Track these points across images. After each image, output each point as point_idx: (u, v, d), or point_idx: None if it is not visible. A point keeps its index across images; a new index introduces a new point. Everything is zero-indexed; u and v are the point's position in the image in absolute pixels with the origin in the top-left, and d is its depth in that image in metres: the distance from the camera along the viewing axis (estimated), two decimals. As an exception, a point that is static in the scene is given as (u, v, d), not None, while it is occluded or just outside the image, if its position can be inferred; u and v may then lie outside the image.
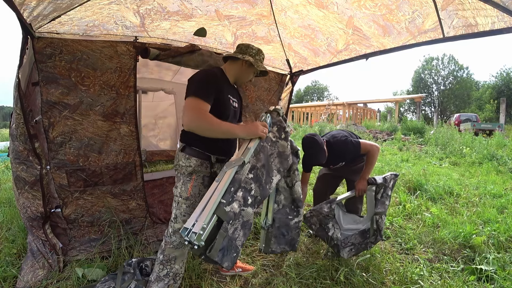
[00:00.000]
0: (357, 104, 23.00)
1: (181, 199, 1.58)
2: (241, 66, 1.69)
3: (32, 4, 1.45)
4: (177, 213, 1.59)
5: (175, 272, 1.64)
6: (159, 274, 1.62)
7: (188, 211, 1.58)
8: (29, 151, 1.91)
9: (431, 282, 1.96)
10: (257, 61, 1.70)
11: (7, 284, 1.84)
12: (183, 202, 1.58)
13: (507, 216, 3.05)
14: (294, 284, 1.92)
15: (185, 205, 1.58)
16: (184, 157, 1.58)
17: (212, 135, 1.46)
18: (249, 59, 1.64)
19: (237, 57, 1.67)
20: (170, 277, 1.62)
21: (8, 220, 2.75)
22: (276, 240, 1.81)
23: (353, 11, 1.95)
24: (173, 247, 1.61)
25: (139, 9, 1.90)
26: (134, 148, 2.25)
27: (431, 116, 34.08)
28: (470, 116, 17.11)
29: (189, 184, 1.57)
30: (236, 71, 1.71)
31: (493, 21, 1.54)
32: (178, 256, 1.63)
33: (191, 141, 1.58)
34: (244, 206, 1.44)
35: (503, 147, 8.00)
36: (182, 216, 1.59)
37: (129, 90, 2.16)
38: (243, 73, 1.72)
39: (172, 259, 1.62)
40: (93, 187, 2.13)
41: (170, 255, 1.62)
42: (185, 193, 1.57)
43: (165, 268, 1.62)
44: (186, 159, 1.57)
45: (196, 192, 1.58)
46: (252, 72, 1.73)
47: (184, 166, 1.57)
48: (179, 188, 1.59)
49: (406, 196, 3.77)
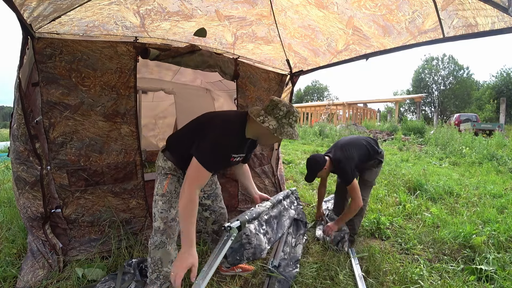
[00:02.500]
0: (357, 104, 23.01)
1: (158, 196, 1.60)
2: (265, 130, 1.45)
3: (32, 5, 1.45)
4: (154, 211, 1.60)
5: (165, 275, 1.59)
6: (151, 277, 1.61)
7: (165, 207, 1.58)
8: (29, 152, 1.91)
9: (431, 282, 1.96)
10: (283, 125, 1.42)
11: (7, 284, 1.84)
12: (159, 199, 1.59)
13: (507, 216, 3.05)
14: (294, 284, 1.92)
15: (161, 202, 1.58)
16: (162, 158, 1.64)
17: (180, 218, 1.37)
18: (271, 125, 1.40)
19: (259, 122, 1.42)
20: (161, 280, 1.59)
21: (8, 220, 2.75)
22: (280, 285, 1.88)
23: (353, 11, 1.95)
24: (155, 248, 1.57)
25: (139, 10, 1.90)
26: (134, 148, 2.26)
27: (431, 116, 34.08)
28: (470, 116, 17.10)
29: (165, 181, 1.60)
30: (257, 133, 1.54)
31: (493, 21, 1.54)
32: (162, 258, 1.57)
33: (172, 148, 1.64)
34: (258, 232, 1.69)
35: (503, 147, 8.00)
36: (159, 213, 1.58)
37: (129, 90, 2.17)
38: (264, 138, 1.55)
39: (158, 262, 1.57)
40: (94, 186, 2.13)
41: (155, 257, 1.58)
42: (161, 190, 1.59)
43: (154, 271, 1.59)
44: (164, 161, 1.63)
45: (172, 189, 1.60)
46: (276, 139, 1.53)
47: (161, 167, 1.64)
48: (156, 187, 1.63)
49: (406, 196, 3.77)
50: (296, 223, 2.39)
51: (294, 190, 2.37)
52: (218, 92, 4.61)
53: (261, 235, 1.72)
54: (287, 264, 2.07)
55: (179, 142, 1.63)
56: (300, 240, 2.34)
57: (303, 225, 2.45)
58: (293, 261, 2.12)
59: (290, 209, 2.15)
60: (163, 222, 1.58)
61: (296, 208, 2.28)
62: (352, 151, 2.47)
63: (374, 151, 2.59)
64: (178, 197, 1.53)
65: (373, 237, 2.74)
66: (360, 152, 2.51)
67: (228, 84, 3.95)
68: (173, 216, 1.60)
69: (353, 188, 2.34)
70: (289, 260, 2.11)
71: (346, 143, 2.57)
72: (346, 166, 2.36)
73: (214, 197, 1.90)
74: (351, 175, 2.34)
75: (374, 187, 4.06)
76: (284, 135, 1.41)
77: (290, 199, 2.26)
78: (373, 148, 2.59)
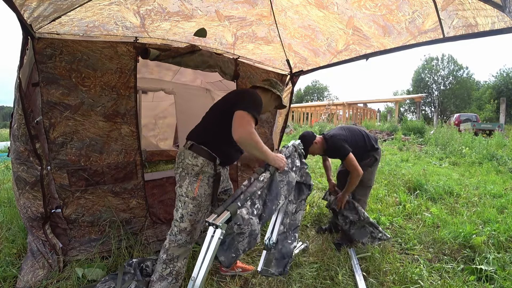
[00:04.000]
0: (357, 104, 23.00)
1: (188, 199, 1.60)
2: (269, 97, 1.90)
3: (32, 5, 1.45)
4: (183, 212, 1.61)
5: (178, 271, 1.66)
6: (162, 273, 1.63)
7: (195, 211, 1.62)
8: (30, 152, 1.91)
9: (431, 282, 1.96)
10: (282, 97, 1.93)
11: (7, 284, 1.84)
12: (190, 202, 1.60)
13: (507, 216, 3.05)
14: (294, 284, 1.92)
15: (192, 205, 1.61)
16: (191, 155, 1.61)
17: (252, 151, 1.53)
18: (277, 93, 1.88)
19: (269, 89, 1.87)
20: (173, 276, 1.64)
21: (8, 220, 2.75)
22: (277, 262, 1.85)
23: (353, 12, 1.95)
24: (177, 246, 1.64)
25: (139, 10, 1.90)
26: (135, 147, 2.26)
27: (431, 116, 34.07)
28: (470, 116, 17.09)
29: (196, 184, 1.60)
30: (264, 101, 1.83)
31: (493, 21, 1.54)
32: (181, 254, 1.67)
33: (202, 140, 1.64)
34: (251, 215, 1.50)
35: (503, 147, 8.01)
36: (188, 216, 1.61)
37: (129, 90, 2.17)
38: (269, 104, 1.92)
39: (175, 258, 1.65)
40: (95, 186, 2.14)
41: (174, 254, 1.64)
42: (192, 193, 1.60)
43: (168, 267, 1.64)
44: (194, 158, 1.60)
45: (202, 192, 1.61)
46: (274, 105, 1.97)
47: (191, 165, 1.60)
48: (185, 187, 1.61)
49: (406, 196, 3.77)
50: (298, 186, 2.07)
51: (298, 145, 2.04)
52: (218, 92, 4.61)
53: (254, 218, 1.52)
54: (285, 237, 1.95)
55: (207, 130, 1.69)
56: (302, 206, 2.12)
57: (306, 189, 2.10)
58: (292, 230, 2.00)
59: (290, 172, 1.84)
60: (191, 224, 1.63)
61: (299, 169, 1.96)
62: (346, 132, 2.55)
63: (371, 146, 2.59)
64: (206, 201, 1.65)
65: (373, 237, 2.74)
66: (356, 138, 2.54)
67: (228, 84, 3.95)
68: (199, 218, 1.66)
69: (349, 159, 2.37)
70: (288, 231, 1.98)
71: (343, 126, 2.67)
72: (339, 141, 2.42)
73: (230, 192, 1.95)
74: (345, 148, 2.38)
75: (374, 187, 4.08)
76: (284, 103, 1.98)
77: (292, 159, 1.93)
78: (370, 142, 2.60)
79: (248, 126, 1.49)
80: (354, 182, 2.41)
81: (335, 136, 2.49)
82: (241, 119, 1.51)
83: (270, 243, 1.90)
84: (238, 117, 1.51)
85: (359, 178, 2.38)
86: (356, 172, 2.36)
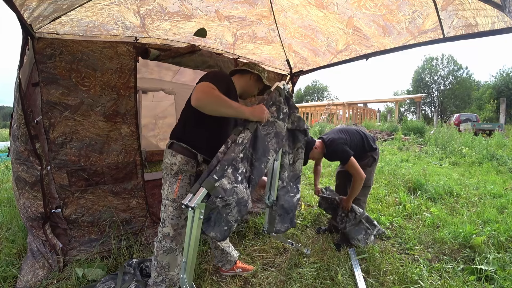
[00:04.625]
0: (357, 104, 22.98)
1: (168, 201, 1.55)
2: (248, 80, 1.78)
3: (32, 5, 1.45)
4: (164, 216, 1.56)
5: (171, 278, 1.61)
6: (156, 280, 1.60)
7: (176, 214, 1.55)
8: (29, 152, 1.91)
9: (431, 282, 1.96)
10: (263, 77, 1.80)
11: (7, 284, 1.84)
12: (169, 205, 1.54)
13: (507, 216, 3.05)
14: (294, 284, 1.92)
15: (172, 208, 1.54)
16: (170, 154, 1.54)
17: (221, 110, 1.42)
18: (256, 73, 1.76)
19: (246, 70, 1.77)
20: (166, 283, 1.60)
21: (8, 220, 2.75)
22: (281, 219, 1.79)
23: (353, 12, 1.95)
24: (163, 253, 1.57)
25: (139, 10, 1.90)
26: (134, 148, 2.26)
27: (431, 116, 34.06)
28: (470, 116, 17.08)
29: (176, 185, 1.53)
30: (243, 84, 1.77)
31: (493, 21, 1.54)
32: (170, 263, 1.59)
33: (181, 137, 1.55)
34: (235, 183, 1.39)
35: (503, 147, 8.00)
36: (170, 220, 1.55)
37: (129, 90, 2.17)
38: (250, 87, 1.80)
39: (165, 266, 1.58)
40: (95, 186, 2.13)
41: (163, 262, 1.58)
42: (172, 195, 1.53)
43: (160, 275, 1.59)
44: (172, 156, 1.53)
45: (183, 193, 1.53)
46: (257, 87, 1.83)
47: (170, 164, 1.53)
48: (166, 190, 1.56)
49: (406, 196, 3.77)
50: (292, 134, 1.94)
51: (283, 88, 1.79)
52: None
53: (240, 184, 1.40)
54: (286, 191, 1.87)
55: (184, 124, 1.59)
56: (300, 155, 1.99)
57: (301, 134, 1.97)
58: (293, 182, 1.92)
59: (277, 122, 1.67)
60: (173, 229, 1.56)
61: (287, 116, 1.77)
62: (345, 134, 2.51)
63: (370, 146, 2.57)
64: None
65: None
66: (355, 139, 2.52)
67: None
68: (183, 222, 1.58)
69: (351, 164, 2.33)
70: (289, 184, 1.88)
71: (342, 128, 2.63)
72: (340, 145, 2.38)
73: None
74: (346, 152, 2.35)
75: (374, 187, 4.08)
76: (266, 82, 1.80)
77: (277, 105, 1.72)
78: (368, 143, 2.58)
79: (205, 90, 1.38)
80: (358, 187, 2.37)
81: (335, 141, 2.43)
82: (197, 88, 1.40)
83: (270, 201, 1.84)
84: (195, 89, 1.41)
85: (362, 181, 2.35)
86: (359, 176, 2.33)
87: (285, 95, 1.80)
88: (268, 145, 1.59)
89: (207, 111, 1.41)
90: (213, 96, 1.38)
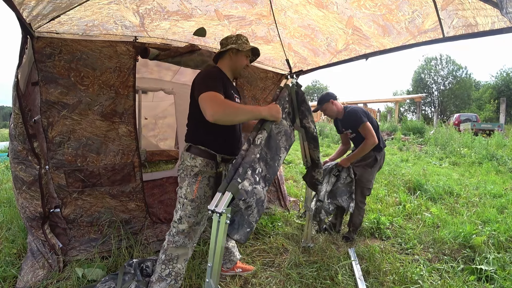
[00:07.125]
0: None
1: (187, 200, 1.58)
2: (230, 57, 1.70)
3: (31, 4, 1.45)
4: (182, 214, 1.60)
5: (177, 272, 1.64)
6: (161, 274, 1.62)
7: (194, 213, 1.59)
8: (28, 151, 1.90)
9: (431, 282, 1.96)
10: (241, 44, 1.68)
11: (7, 284, 1.83)
12: (188, 204, 1.58)
13: (507, 216, 3.05)
14: (294, 284, 1.92)
15: (191, 207, 1.58)
16: (189, 157, 1.58)
17: (239, 118, 1.46)
18: (232, 46, 1.65)
19: (222, 51, 1.70)
20: (172, 277, 1.62)
21: (8, 220, 2.75)
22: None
23: (353, 11, 1.95)
24: (175, 247, 1.62)
25: (138, 9, 1.90)
26: (132, 148, 2.24)
27: (431, 116, 34.05)
28: (470, 116, 17.07)
29: (195, 185, 1.57)
30: (228, 64, 1.71)
31: (493, 21, 1.54)
32: (180, 255, 1.64)
33: (197, 139, 1.59)
34: (255, 184, 1.41)
35: (503, 147, 8.00)
36: (187, 217, 1.59)
37: (128, 90, 2.16)
38: (235, 62, 1.71)
39: (174, 258, 1.63)
40: (92, 187, 2.12)
41: (172, 254, 1.62)
42: (191, 195, 1.57)
43: (167, 267, 1.62)
44: (192, 159, 1.57)
45: (202, 194, 1.59)
46: (243, 57, 1.72)
47: (190, 166, 1.57)
48: (184, 189, 1.59)
49: (406, 196, 3.77)
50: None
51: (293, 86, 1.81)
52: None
53: (258, 185, 1.42)
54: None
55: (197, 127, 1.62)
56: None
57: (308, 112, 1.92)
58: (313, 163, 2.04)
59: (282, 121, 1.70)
60: (189, 226, 1.61)
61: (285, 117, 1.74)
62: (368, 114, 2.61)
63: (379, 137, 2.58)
64: (207, 203, 1.60)
65: (373, 237, 2.74)
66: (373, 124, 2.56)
67: (227, 84, 3.94)
68: (198, 220, 1.63)
69: (366, 126, 2.44)
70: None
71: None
72: (359, 111, 2.51)
73: None
74: (362, 115, 2.46)
75: (374, 187, 4.06)
76: (247, 47, 1.68)
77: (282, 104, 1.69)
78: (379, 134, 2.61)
79: (214, 101, 1.39)
80: (367, 149, 2.47)
81: (356, 108, 2.58)
82: (204, 101, 1.40)
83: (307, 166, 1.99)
84: (201, 102, 1.41)
85: (372, 146, 2.45)
86: (372, 139, 2.43)
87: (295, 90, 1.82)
88: (279, 143, 1.62)
89: (227, 123, 1.47)
90: (228, 107, 1.42)
